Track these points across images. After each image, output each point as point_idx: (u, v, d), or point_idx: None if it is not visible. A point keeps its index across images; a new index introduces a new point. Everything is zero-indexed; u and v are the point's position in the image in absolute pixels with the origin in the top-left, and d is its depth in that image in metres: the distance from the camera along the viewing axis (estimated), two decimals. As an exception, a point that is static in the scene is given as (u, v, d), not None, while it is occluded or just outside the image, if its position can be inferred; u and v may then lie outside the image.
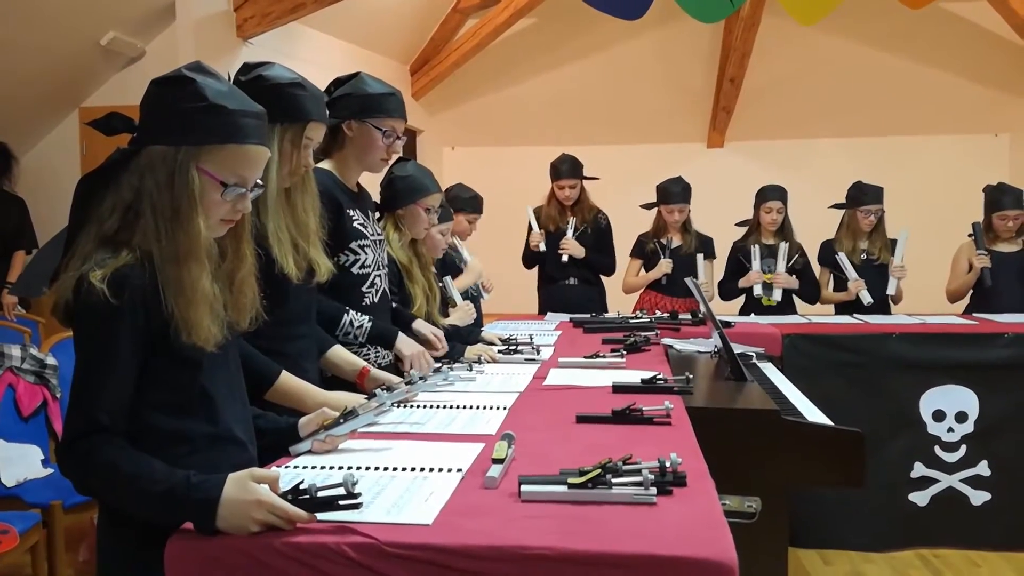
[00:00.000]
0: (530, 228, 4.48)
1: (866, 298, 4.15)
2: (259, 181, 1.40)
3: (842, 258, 4.24)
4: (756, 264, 4.28)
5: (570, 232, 4.35)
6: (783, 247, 4.27)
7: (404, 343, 2.37)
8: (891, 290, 4.22)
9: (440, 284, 3.02)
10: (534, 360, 2.67)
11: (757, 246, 4.31)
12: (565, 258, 4.34)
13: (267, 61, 1.91)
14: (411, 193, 2.74)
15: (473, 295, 3.59)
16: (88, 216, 1.34)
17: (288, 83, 1.85)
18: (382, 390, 1.73)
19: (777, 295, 4.24)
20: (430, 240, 2.92)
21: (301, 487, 1.20)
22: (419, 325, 2.57)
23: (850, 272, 4.22)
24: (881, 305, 4.25)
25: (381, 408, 1.64)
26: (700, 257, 4.31)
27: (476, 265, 3.63)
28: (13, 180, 4.85)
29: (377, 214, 2.83)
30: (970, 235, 4.33)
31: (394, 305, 2.66)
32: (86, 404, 1.26)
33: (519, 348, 2.79)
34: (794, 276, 4.28)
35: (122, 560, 1.35)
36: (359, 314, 2.31)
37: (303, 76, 1.91)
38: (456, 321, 3.05)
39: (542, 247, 4.40)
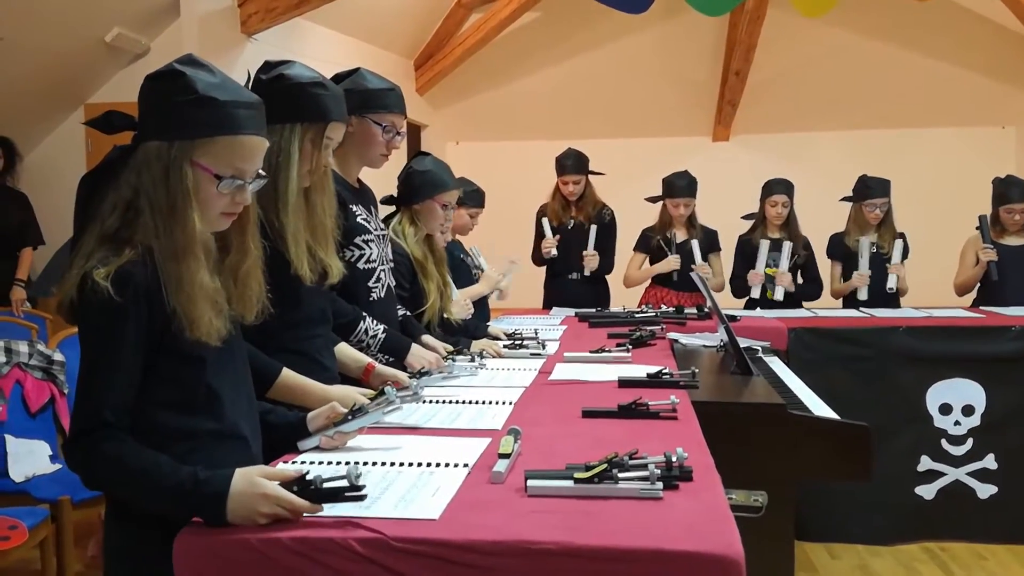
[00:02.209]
0: (543, 234, 4.42)
1: (862, 294, 4.15)
2: (260, 172, 1.39)
3: (863, 244, 4.19)
4: (760, 264, 4.25)
5: (591, 245, 4.31)
6: (787, 246, 4.25)
7: (415, 356, 2.35)
8: (891, 284, 4.20)
9: None
10: (539, 355, 2.67)
11: (765, 241, 4.28)
12: (587, 272, 4.34)
13: (288, 60, 1.89)
14: (429, 188, 2.73)
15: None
16: (91, 215, 1.34)
17: (309, 82, 1.84)
18: (388, 386, 1.73)
19: (779, 294, 4.23)
20: None
21: (306, 479, 1.21)
22: (429, 339, 2.57)
23: (863, 264, 4.19)
24: (889, 299, 4.23)
25: (392, 406, 1.63)
26: (695, 243, 4.31)
27: (492, 275, 3.55)
28: (16, 176, 4.86)
29: (392, 208, 2.82)
30: (978, 228, 4.31)
31: (407, 313, 2.65)
32: (91, 401, 1.27)
33: (524, 343, 2.79)
34: (797, 272, 4.27)
35: (128, 556, 1.36)
36: (375, 322, 2.30)
37: (323, 75, 1.89)
38: (454, 316, 3.04)
39: (554, 252, 4.38)
